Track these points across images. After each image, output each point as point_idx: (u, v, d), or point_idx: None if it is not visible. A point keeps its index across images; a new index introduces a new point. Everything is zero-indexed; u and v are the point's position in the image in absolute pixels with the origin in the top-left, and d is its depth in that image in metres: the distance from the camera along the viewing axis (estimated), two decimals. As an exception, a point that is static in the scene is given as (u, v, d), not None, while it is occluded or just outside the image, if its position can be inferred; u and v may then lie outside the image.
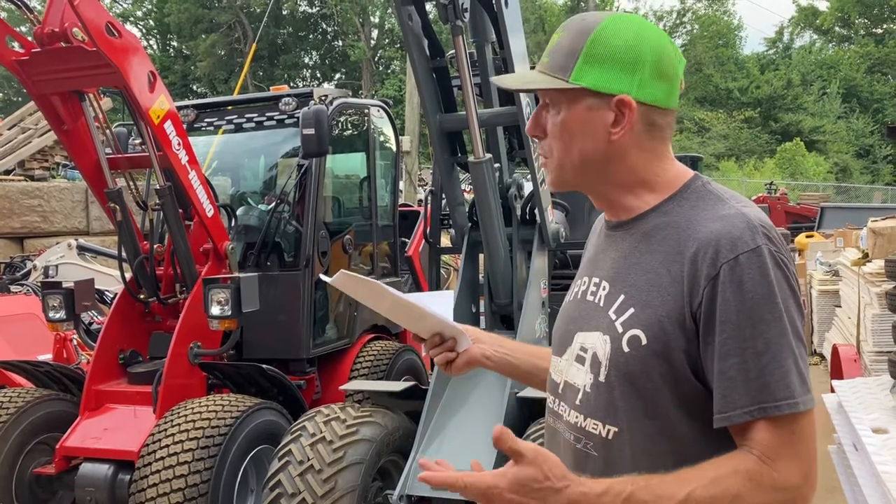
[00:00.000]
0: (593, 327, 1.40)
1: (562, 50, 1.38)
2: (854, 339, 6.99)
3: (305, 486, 3.69)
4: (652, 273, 1.34)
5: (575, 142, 1.38)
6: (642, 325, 1.32)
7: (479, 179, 3.95)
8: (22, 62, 4.44)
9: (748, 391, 1.24)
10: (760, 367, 1.24)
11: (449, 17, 3.69)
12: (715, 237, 1.28)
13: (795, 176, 34.07)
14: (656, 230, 1.38)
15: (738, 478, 1.23)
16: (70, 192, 12.10)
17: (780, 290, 1.26)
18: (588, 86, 1.35)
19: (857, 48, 43.98)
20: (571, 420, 1.43)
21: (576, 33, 1.38)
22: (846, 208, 18.18)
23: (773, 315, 1.25)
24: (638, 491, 1.23)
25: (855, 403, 4.16)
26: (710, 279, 1.27)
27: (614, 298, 1.38)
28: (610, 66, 1.35)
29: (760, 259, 1.26)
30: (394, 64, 40.05)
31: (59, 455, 4.58)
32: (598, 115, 1.37)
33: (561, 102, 1.39)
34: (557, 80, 1.37)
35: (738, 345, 1.25)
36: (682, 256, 1.31)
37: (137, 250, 5.09)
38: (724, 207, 1.34)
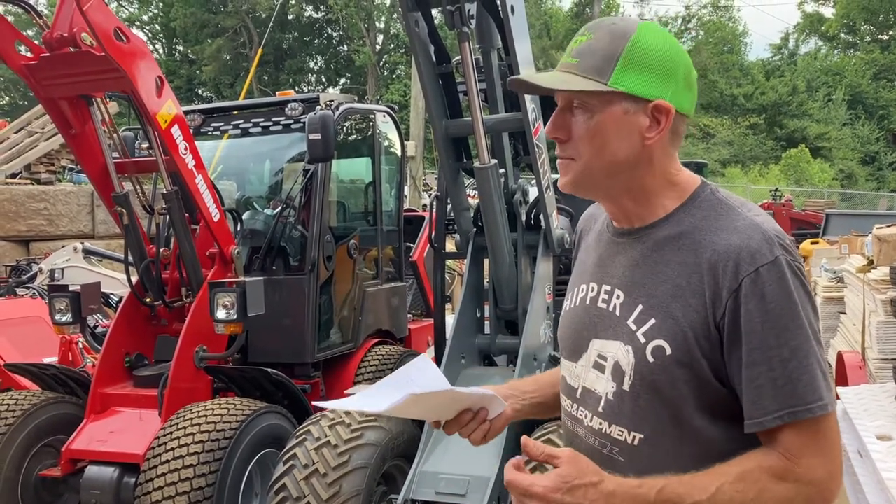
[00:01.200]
0: (611, 336, 1.43)
1: (596, 52, 1.38)
2: (859, 346, 6.97)
3: (310, 489, 3.69)
4: (670, 283, 1.37)
5: (608, 145, 1.39)
6: (665, 335, 1.35)
7: (484, 185, 3.96)
8: (31, 66, 4.46)
9: (777, 397, 1.29)
10: (788, 373, 1.29)
11: (455, 23, 3.71)
12: (735, 250, 1.32)
13: (800, 182, 34.02)
14: (670, 240, 1.41)
15: (764, 473, 1.29)
16: (76, 195, 12.14)
17: (799, 299, 1.31)
18: (628, 90, 1.36)
19: (862, 55, 43.94)
20: (595, 426, 1.46)
21: (611, 37, 1.38)
22: (851, 215, 18.12)
23: (796, 323, 1.30)
24: (671, 484, 1.28)
25: (860, 410, 4.15)
26: (732, 292, 1.31)
27: (632, 308, 1.41)
28: (649, 71, 1.37)
29: (780, 270, 1.30)
30: (399, 69, 40.12)
31: (65, 458, 4.59)
32: (634, 119, 1.38)
33: (595, 105, 1.38)
34: (595, 83, 1.37)
35: (764, 354, 1.30)
36: (700, 268, 1.35)
37: (143, 254, 5.11)
38: (738, 218, 1.37)
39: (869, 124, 40.53)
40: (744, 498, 1.28)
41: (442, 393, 1.50)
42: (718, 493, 1.28)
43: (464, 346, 4.32)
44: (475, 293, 4.47)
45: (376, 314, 6.22)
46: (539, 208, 4.34)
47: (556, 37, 40.32)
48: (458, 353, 4.26)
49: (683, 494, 1.28)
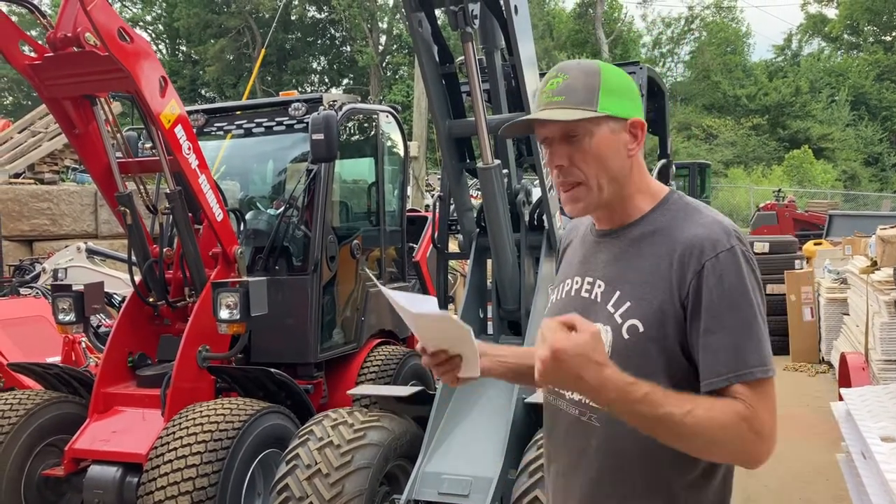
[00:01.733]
0: (593, 320, 1.61)
1: (578, 88, 1.63)
2: (862, 348, 6.96)
3: (313, 489, 3.69)
4: (644, 272, 1.62)
5: (607, 160, 1.65)
6: (639, 316, 1.59)
7: (487, 185, 3.96)
8: (34, 66, 4.47)
9: (728, 361, 1.53)
10: (736, 342, 1.53)
11: (458, 23, 3.71)
12: (699, 240, 1.58)
13: (803, 183, 33.97)
14: (645, 236, 1.66)
15: (731, 411, 1.50)
16: (79, 195, 12.15)
17: (749, 282, 1.56)
18: (613, 113, 1.63)
19: (865, 56, 43.85)
20: (575, 398, 1.69)
21: (585, 74, 1.65)
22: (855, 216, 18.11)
23: (746, 300, 1.55)
24: (656, 392, 1.48)
25: (863, 412, 4.14)
26: (695, 273, 1.56)
27: (611, 295, 1.65)
28: (621, 97, 1.65)
29: (735, 257, 1.56)
30: (402, 69, 40.13)
31: (68, 457, 4.60)
32: (620, 136, 1.66)
33: (589, 130, 1.63)
34: (588, 111, 1.62)
35: (719, 324, 1.53)
36: (671, 257, 1.59)
37: (147, 254, 5.12)
38: (702, 216, 1.64)
39: (872, 125, 40.44)
40: (710, 424, 1.48)
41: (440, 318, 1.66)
42: (691, 414, 1.47)
43: (466, 346, 4.31)
44: (478, 294, 4.46)
45: (379, 314, 6.23)
46: (542, 209, 4.34)
47: (558, 37, 40.32)
48: (460, 354, 4.25)
49: (663, 403, 1.47)
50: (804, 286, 10.11)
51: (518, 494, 3.44)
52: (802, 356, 9.97)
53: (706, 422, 1.47)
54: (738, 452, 1.53)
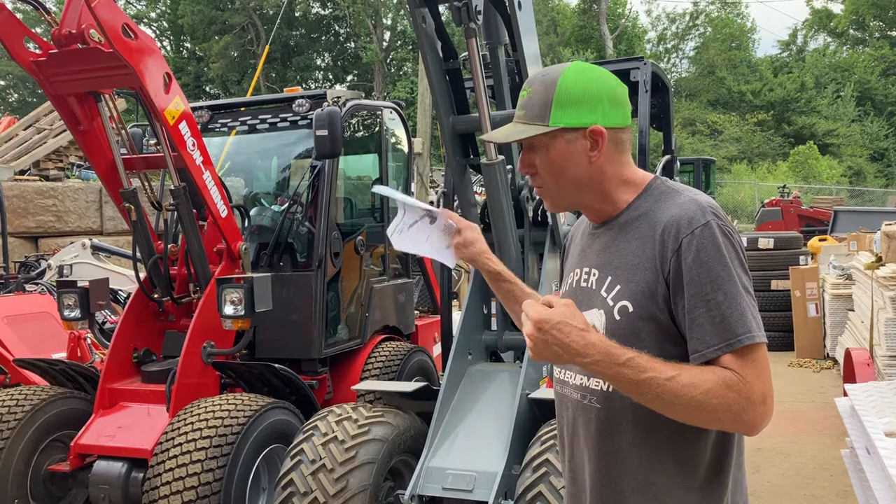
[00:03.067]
0: (590, 306, 1.73)
1: (535, 103, 1.72)
2: (867, 343, 6.95)
3: (317, 485, 3.70)
4: (631, 255, 1.69)
5: (565, 171, 1.73)
6: (628, 297, 1.66)
7: (491, 181, 3.96)
8: (39, 63, 4.48)
9: (715, 332, 1.57)
10: (721, 312, 1.57)
11: (462, 19, 3.71)
12: (675, 219, 1.63)
13: (809, 179, 33.88)
14: (630, 223, 1.73)
15: (716, 377, 1.53)
16: (84, 192, 12.19)
17: (727, 253, 1.60)
18: (566, 125, 1.69)
19: (871, 51, 43.68)
20: (577, 382, 1.77)
21: (543, 87, 1.72)
22: (860, 212, 18.07)
23: (726, 272, 1.58)
24: (641, 357, 1.54)
25: (868, 407, 4.14)
26: (674, 251, 1.61)
27: (604, 280, 1.73)
28: (576, 106, 1.70)
29: (711, 231, 1.60)
30: (406, 66, 40.12)
31: (74, 452, 4.62)
32: (577, 145, 1.71)
33: (545, 143, 1.72)
34: (539, 127, 1.71)
35: (702, 298, 1.58)
36: (653, 238, 1.65)
37: (152, 250, 5.13)
38: (680, 197, 1.69)
39: (878, 121, 40.31)
40: (694, 390, 1.52)
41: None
42: (675, 379, 1.52)
43: (470, 342, 4.33)
44: (482, 289, 4.47)
45: (383, 310, 6.23)
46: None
47: (563, 33, 40.24)
48: (464, 350, 4.27)
49: (647, 368, 1.52)
50: (809, 282, 10.09)
51: (522, 489, 3.44)
52: (807, 352, 9.96)
53: (690, 387, 1.51)
54: (729, 418, 1.54)
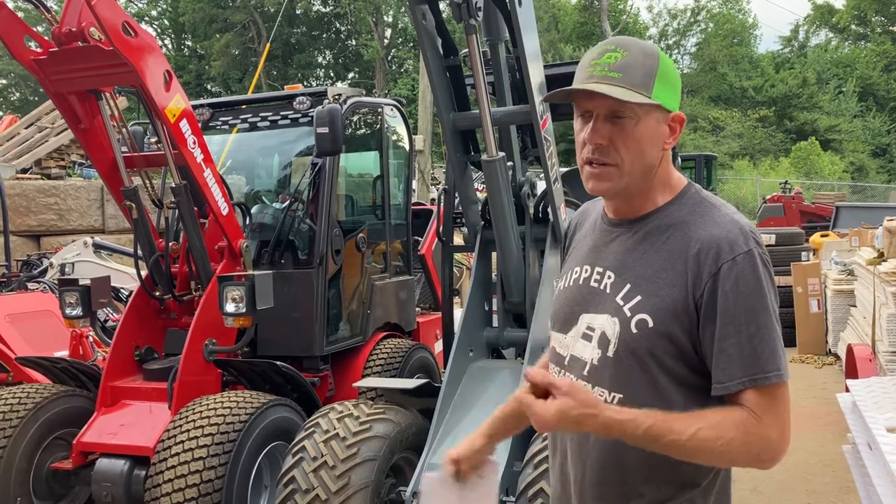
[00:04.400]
0: (601, 310, 1.65)
1: (637, 69, 1.59)
2: (869, 339, 6.95)
3: (319, 482, 3.71)
4: (657, 267, 1.60)
5: (646, 150, 1.62)
6: (649, 310, 1.57)
7: (492, 178, 3.96)
8: (40, 61, 4.48)
9: (742, 365, 1.52)
10: (753, 346, 1.52)
11: (462, 15, 3.70)
12: (716, 240, 1.55)
13: (810, 175, 33.83)
14: (659, 230, 1.64)
15: (735, 424, 1.50)
16: (86, 190, 12.19)
17: (766, 285, 1.55)
18: (663, 103, 1.61)
19: (873, 46, 43.62)
20: None
21: (644, 55, 1.61)
22: (862, 207, 18.05)
23: (762, 305, 1.54)
24: (657, 424, 1.49)
25: (869, 403, 4.14)
26: (711, 275, 1.54)
27: (621, 287, 1.63)
28: (672, 88, 1.63)
29: (753, 260, 1.54)
30: (407, 63, 40.10)
31: (76, 450, 4.62)
32: (662, 128, 1.63)
33: (637, 115, 1.59)
34: (643, 96, 1.58)
35: (735, 328, 1.52)
36: (685, 255, 1.57)
37: (153, 248, 5.14)
38: (719, 214, 1.61)
39: (880, 116, 40.26)
40: (715, 443, 1.49)
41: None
42: (695, 436, 1.49)
43: (472, 339, 4.33)
44: (483, 286, 4.47)
45: (385, 308, 6.24)
46: (547, 201, 4.34)
47: (564, 30, 40.18)
48: (466, 346, 4.27)
49: (665, 432, 1.49)
50: (811, 278, 10.09)
51: (523, 486, 3.45)
52: (809, 348, 9.96)
53: (712, 440, 1.49)
54: (746, 459, 1.54)
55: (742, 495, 5.37)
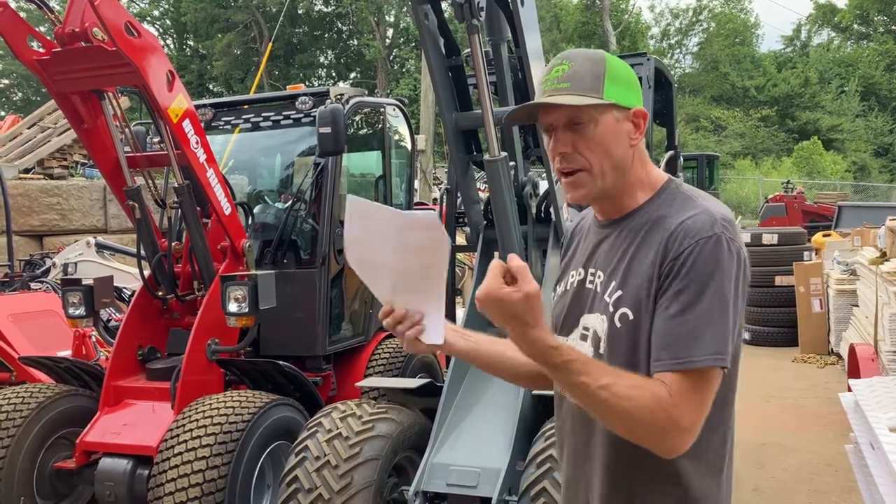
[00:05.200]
0: (594, 310, 1.69)
1: (584, 75, 1.63)
2: (871, 339, 6.95)
3: (322, 481, 3.71)
4: (635, 261, 1.63)
5: (611, 150, 1.65)
6: (629, 304, 1.61)
7: (494, 178, 3.96)
8: (42, 62, 4.49)
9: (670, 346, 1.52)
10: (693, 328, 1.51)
11: (465, 15, 3.70)
12: (683, 226, 1.58)
13: (813, 175, 33.80)
14: (640, 227, 1.66)
15: (652, 395, 1.49)
16: (88, 190, 12.20)
17: (726, 269, 1.53)
18: (617, 101, 1.64)
19: (876, 46, 43.56)
20: None
21: (591, 62, 1.65)
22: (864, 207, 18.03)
23: (713, 288, 1.52)
24: (577, 361, 1.50)
25: (872, 403, 4.14)
26: (673, 258, 1.56)
27: (608, 284, 1.67)
28: (625, 86, 1.66)
29: (716, 245, 1.54)
30: (409, 63, 40.09)
31: (79, 450, 4.63)
32: (623, 125, 1.66)
33: (594, 117, 1.63)
34: (594, 98, 1.62)
35: (675, 307, 1.53)
36: (659, 245, 1.59)
37: (156, 248, 5.14)
38: (693, 204, 1.63)
39: (882, 116, 40.21)
40: (624, 402, 1.47)
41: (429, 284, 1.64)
42: (607, 388, 1.48)
43: (474, 338, 4.32)
44: (485, 286, 4.46)
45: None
46: (549, 201, 4.34)
47: (566, 30, 40.17)
48: (468, 346, 4.26)
49: (581, 372, 1.49)
50: (813, 277, 10.08)
51: (526, 485, 3.45)
52: (811, 347, 9.95)
53: (623, 399, 1.47)
54: (650, 436, 1.51)
55: (744, 495, 5.36)
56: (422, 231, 1.60)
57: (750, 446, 6.35)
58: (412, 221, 1.61)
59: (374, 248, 1.64)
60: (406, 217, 1.61)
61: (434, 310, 1.69)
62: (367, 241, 1.65)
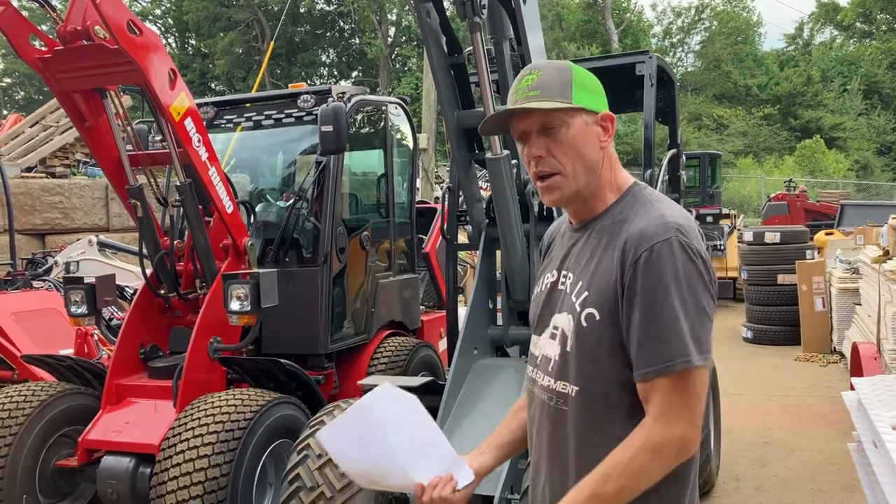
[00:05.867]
0: (562, 310, 1.76)
1: (553, 82, 1.71)
2: (874, 337, 6.94)
3: (324, 479, 3.71)
4: (600, 263, 1.70)
5: (583, 152, 1.72)
6: (594, 304, 1.67)
7: (496, 176, 3.96)
8: (45, 60, 4.49)
9: (653, 353, 1.58)
10: (658, 333, 1.57)
11: (467, 13, 3.70)
12: (639, 232, 1.64)
13: (815, 173, 33.76)
14: (605, 229, 1.74)
15: (640, 452, 1.57)
16: (91, 188, 12.21)
17: (683, 270, 1.59)
18: (585, 105, 1.72)
19: (878, 44, 43.48)
20: (545, 384, 1.79)
21: (556, 70, 1.74)
22: (866, 206, 18.01)
23: (673, 290, 1.58)
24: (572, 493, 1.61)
25: (875, 401, 4.12)
26: (632, 264, 1.62)
27: (576, 285, 1.74)
28: (591, 92, 1.74)
29: (670, 247, 1.60)
30: (410, 61, 40.07)
31: (82, 448, 4.64)
32: (592, 129, 1.74)
33: (565, 121, 1.71)
34: (563, 102, 1.70)
35: (644, 315, 1.59)
36: (619, 248, 1.66)
37: (158, 246, 5.14)
38: (652, 210, 1.69)
39: (885, 114, 40.12)
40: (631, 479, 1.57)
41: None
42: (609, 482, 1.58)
43: (476, 337, 4.33)
44: (487, 284, 4.47)
45: (389, 306, 6.24)
46: (551, 199, 4.33)
47: (568, 28, 40.13)
48: (470, 344, 4.27)
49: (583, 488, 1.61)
50: (816, 276, 10.07)
51: (527, 485, 3.44)
52: (814, 346, 9.95)
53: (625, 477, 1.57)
54: (667, 464, 1.60)
55: (747, 494, 5.36)
56: (387, 404, 1.71)
57: (752, 445, 6.35)
58: (372, 404, 1.70)
59: (370, 454, 1.72)
60: (365, 406, 1.70)
61: (451, 459, 1.79)
62: (357, 456, 1.73)
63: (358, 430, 1.72)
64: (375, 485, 1.78)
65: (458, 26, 4.57)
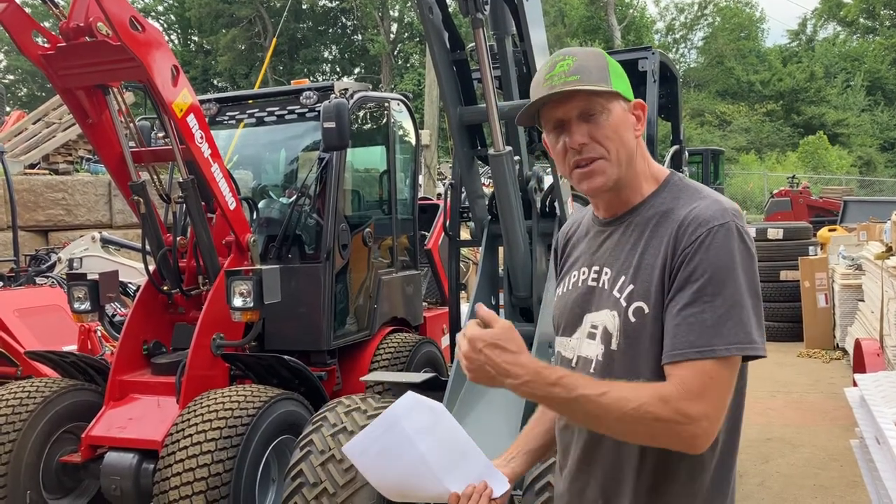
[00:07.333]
0: (601, 307, 1.67)
1: (591, 68, 1.65)
2: (877, 334, 6.93)
3: (327, 475, 3.72)
4: (646, 255, 1.63)
5: (624, 137, 1.67)
6: (643, 297, 1.60)
7: (498, 172, 3.95)
8: (47, 57, 4.49)
9: (701, 335, 1.50)
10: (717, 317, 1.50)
11: (469, 9, 3.69)
12: (694, 215, 1.59)
13: (818, 170, 33.70)
14: (647, 220, 1.67)
15: (651, 393, 1.49)
16: (94, 185, 12.23)
17: (740, 259, 1.54)
18: (622, 92, 1.67)
19: (882, 40, 43.35)
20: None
21: (592, 56, 1.69)
22: (869, 202, 17.99)
23: (732, 278, 1.52)
24: (569, 376, 1.53)
25: (877, 397, 4.12)
26: (688, 246, 1.55)
27: (617, 280, 1.66)
28: (624, 80, 1.70)
29: (729, 233, 1.55)
30: (413, 58, 40.05)
31: (85, 444, 4.65)
32: (628, 115, 1.69)
33: (605, 108, 1.65)
34: (605, 86, 1.65)
35: (699, 297, 1.52)
36: (669, 236, 1.60)
37: (161, 242, 5.15)
38: (701, 195, 1.66)
39: (888, 110, 40.02)
40: (626, 404, 1.48)
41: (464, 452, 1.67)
42: (607, 395, 1.49)
43: (479, 333, 4.32)
44: (490, 281, 4.47)
45: (391, 302, 6.24)
46: (554, 195, 4.33)
47: (570, 24, 40.08)
48: (473, 341, 4.26)
49: (578, 385, 1.51)
50: (818, 272, 10.06)
51: (531, 480, 3.45)
52: (817, 343, 9.94)
53: (622, 401, 1.48)
54: (665, 432, 1.49)
55: (750, 489, 5.36)
56: (414, 413, 1.64)
57: (755, 441, 6.35)
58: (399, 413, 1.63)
59: (400, 465, 1.64)
60: (392, 416, 1.63)
61: (484, 467, 1.70)
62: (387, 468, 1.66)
63: (386, 442, 1.64)
64: (406, 497, 1.69)
65: (460, 22, 4.57)
